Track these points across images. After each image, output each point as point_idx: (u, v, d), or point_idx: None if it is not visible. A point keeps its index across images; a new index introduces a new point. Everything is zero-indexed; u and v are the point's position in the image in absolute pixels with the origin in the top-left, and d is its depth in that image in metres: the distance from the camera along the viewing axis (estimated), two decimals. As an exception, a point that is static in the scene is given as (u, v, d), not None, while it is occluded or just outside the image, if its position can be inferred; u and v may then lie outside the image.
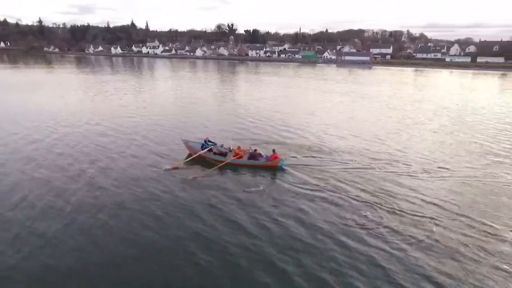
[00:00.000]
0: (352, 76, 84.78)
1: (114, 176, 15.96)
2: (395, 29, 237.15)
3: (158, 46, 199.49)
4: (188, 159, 17.72)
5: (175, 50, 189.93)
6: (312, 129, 25.72)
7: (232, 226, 11.93)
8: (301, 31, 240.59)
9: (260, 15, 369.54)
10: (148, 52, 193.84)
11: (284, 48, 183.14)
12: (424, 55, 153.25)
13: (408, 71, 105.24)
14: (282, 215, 12.76)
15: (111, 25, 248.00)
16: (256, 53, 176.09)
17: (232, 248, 10.68)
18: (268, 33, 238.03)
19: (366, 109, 35.76)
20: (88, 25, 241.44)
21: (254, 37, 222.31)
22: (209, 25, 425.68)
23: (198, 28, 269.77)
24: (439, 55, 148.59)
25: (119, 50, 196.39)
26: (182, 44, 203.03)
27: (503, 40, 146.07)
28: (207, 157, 17.74)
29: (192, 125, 26.49)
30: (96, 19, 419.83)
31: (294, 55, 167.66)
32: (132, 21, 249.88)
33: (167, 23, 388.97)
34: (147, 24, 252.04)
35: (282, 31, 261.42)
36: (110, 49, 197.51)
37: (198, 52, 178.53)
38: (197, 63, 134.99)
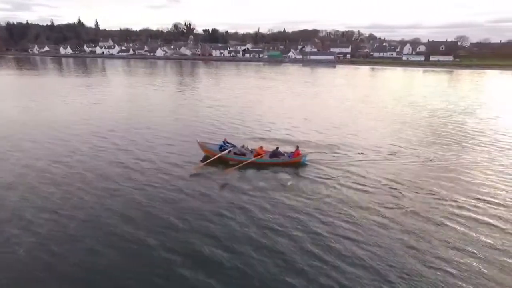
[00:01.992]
0: (322, 74, 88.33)
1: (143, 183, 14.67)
2: (343, 29, 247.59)
3: (114, 46, 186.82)
4: (207, 161, 17.01)
5: (133, 50, 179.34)
6: (313, 126, 26.00)
7: (274, 227, 11.49)
8: (259, 31, 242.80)
9: (212, 14, 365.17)
10: (103, 52, 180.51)
11: (247, 48, 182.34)
12: (381, 54, 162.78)
13: (375, 70, 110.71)
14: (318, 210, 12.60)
15: (55, 23, 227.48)
16: (220, 53, 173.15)
17: (279, 247, 10.32)
18: (227, 32, 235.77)
19: (345, 105, 37.42)
20: (28, 23, 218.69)
21: (214, 37, 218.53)
22: (164, 24, 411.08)
23: (152, 27, 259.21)
24: (394, 54, 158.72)
25: (69, 50, 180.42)
26: (141, 44, 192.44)
27: (448, 40, 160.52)
28: (228, 158, 17.28)
29: (200, 127, 24.94)
30: (33, 17, 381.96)
31: (259, 55, 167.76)
32: (79, 19, 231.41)
33: (116, 22, 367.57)
34: (96, 23, 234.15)
35: (238, 31, 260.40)
36: (59, 49, 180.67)
37: (159, 52, 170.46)
38: (158, 63, 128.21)
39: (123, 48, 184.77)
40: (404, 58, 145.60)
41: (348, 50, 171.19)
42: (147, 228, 11.19)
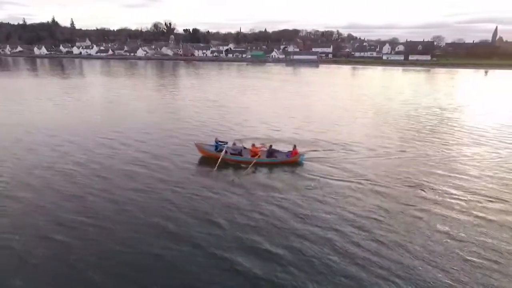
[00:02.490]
0: (306, 73, 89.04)
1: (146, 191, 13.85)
2: (322, 30, 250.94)
3: (92, 46, 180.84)
4: (217, 165, 16.17)
5: (112, 51, 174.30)
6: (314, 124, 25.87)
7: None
8: (241, 31, 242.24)
9: (191, 14, 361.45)
10: (81, 52, 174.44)
11: (229, 48, 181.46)
12: (362, 54, 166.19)
13: (357, 69, 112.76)
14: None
15: (27, 22, 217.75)
16: (203, 53, 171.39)
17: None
18: (208, 32, 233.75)
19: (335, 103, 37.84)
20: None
21: (195, 37, 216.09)
22: (144, 24, 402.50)
23: (131, 26, 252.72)
24: (374, 54, 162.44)
25: (44, 51, 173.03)
26: (120, 44, 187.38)
27: (424, 40, 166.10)
28: (227, 159, 16.89)
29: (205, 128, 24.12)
30: (2, 15, 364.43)
31: (242, 55, 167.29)
32: (53, 18, 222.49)
33: (92, 21, 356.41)
34: (72, 22, 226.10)
35: (220, 31, 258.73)
36: (33, 50, 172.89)
37: (140, 53, 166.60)
38: (139, 64, 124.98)
39: (102, 48, 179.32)
40: (384, 57, 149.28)
41: (330, 50, 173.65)
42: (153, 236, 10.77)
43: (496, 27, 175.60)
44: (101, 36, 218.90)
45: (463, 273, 9.20)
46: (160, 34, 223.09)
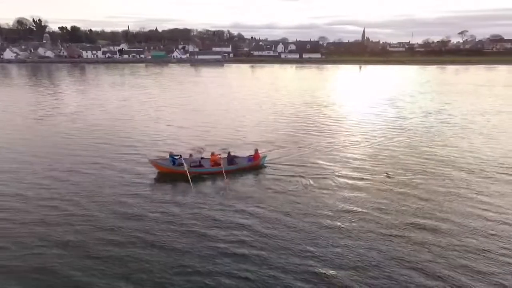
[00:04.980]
0: (217, 73, 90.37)
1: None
2: (209, 29, 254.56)
3: None
4: (190, 181, 14.84)
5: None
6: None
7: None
8: (129, 30, 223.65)
9: (60, 9, 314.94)
10: None
11: (123, 48, 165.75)
12: (260, 53, 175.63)
13: (261, 67, 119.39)
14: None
15: None
16: (93, 54, 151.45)
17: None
18: (91, 31, 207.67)
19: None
20: None
21: (76, 36, 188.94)
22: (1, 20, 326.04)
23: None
24: (271, 52, 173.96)
25: None
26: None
27: (311, 39, 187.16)
28: (196, 172, 15.77)
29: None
30: None
31: (139, 55, 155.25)
32: None
33: None
34: None
35: (101, 29, 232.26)
36: None
37: (8, 55, 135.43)
38: (8, 68, 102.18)
39: None
40: (282, 56, 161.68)
41: (229, 49, 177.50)
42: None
43: (364, 29, 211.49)
44: None
45: (321, 238, 10.65)
46: (27, 32, 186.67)
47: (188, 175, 14.95)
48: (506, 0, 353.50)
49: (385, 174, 15.92)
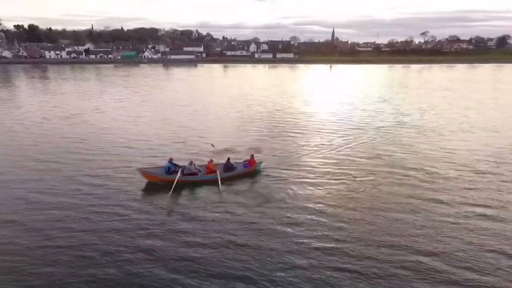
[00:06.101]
0: (192, 73, 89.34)
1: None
2: (177, 28, 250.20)
3: None
4: (171, 190, 14.31)
5: None
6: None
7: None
8: (93, 29, 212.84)
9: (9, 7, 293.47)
10: None
11: (88, 48, 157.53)
12: (233, 53, 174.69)
13: (235, 67, 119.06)
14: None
15: None
16: (56, 55, 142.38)
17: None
18: (51, 30, 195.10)
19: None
20: None
21: (34, 35, 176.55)
22: None
23: None
24: (244, 52, 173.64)
25: None
26: None
27: (282, 39, 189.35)
28: (190, 181, 15.36)
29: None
30: None
31: (107, 55, 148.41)
32: None
33: None
34: None
35: (62, 27, 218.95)
36: None
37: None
38: None
39: None
40: (256, 56, 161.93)
41: (201, 49, 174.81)
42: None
43: (333, 29, 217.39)
44: None
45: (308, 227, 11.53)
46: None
47: (174, 184, 14.30)
48: (460, 3, 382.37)
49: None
